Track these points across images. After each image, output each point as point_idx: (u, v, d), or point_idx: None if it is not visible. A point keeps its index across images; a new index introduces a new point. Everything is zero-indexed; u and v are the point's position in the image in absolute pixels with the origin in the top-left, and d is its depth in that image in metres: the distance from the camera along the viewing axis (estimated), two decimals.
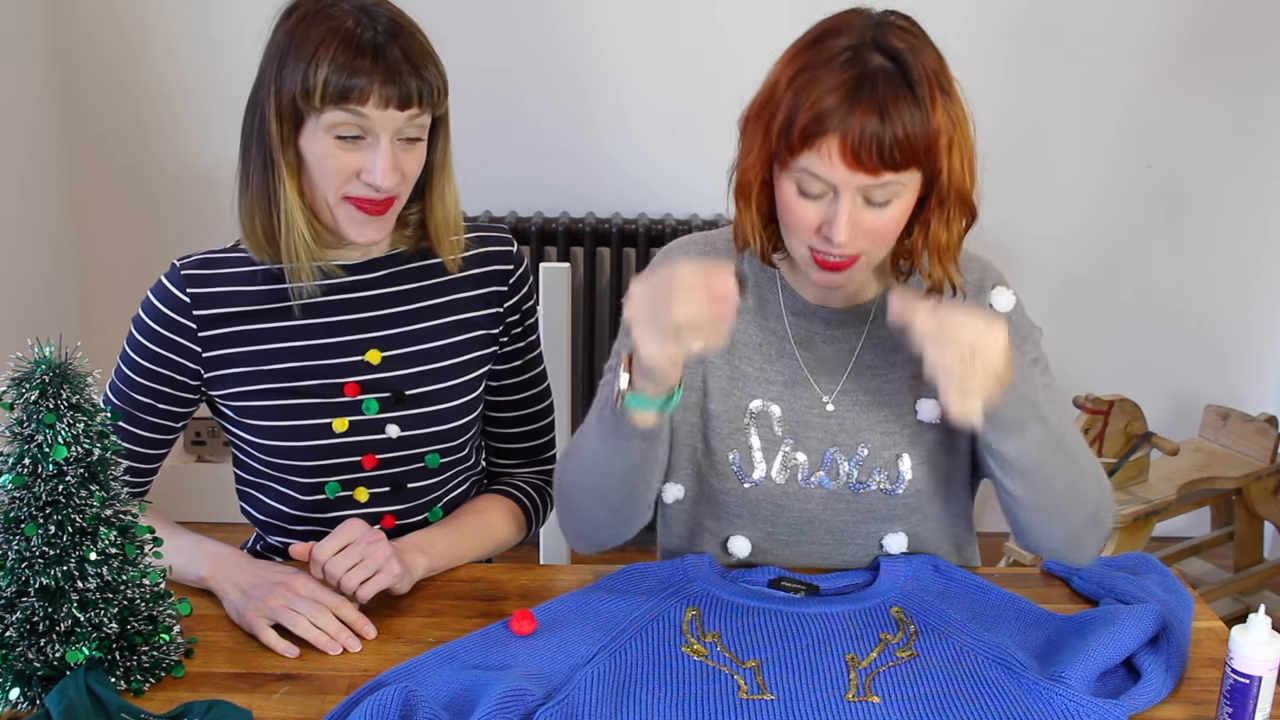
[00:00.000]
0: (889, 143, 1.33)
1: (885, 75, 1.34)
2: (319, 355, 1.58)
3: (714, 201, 3.07)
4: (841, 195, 1.37)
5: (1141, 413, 2.75)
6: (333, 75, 1.44)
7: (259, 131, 1.50)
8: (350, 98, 1.44)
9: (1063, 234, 3.14)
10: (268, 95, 1.48)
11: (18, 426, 1.24)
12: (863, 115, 1.33)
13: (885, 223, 1.40)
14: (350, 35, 1.44)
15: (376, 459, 1.61)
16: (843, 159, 1.34)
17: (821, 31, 1.40)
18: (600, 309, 3.09)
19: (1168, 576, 1.53)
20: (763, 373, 1.54)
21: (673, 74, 3.02)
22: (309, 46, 1.45)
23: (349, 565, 1.43)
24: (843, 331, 1.54)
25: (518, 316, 1.68)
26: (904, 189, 1.39)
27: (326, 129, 1.46)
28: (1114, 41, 3.03)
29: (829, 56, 1.36)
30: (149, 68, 3.00)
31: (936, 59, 1.39)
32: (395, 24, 1.47)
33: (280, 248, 1.53)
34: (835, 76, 1.34)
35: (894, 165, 1.35)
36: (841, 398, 1.54)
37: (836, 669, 1.36)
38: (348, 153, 1.47)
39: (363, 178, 1.48)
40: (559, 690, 1.30)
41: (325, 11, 1.47)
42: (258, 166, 1.51)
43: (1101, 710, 1.27)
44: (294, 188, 1.50)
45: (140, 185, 3.09)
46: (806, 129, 1.34)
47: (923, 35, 1.41)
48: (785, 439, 1.53)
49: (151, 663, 1.32)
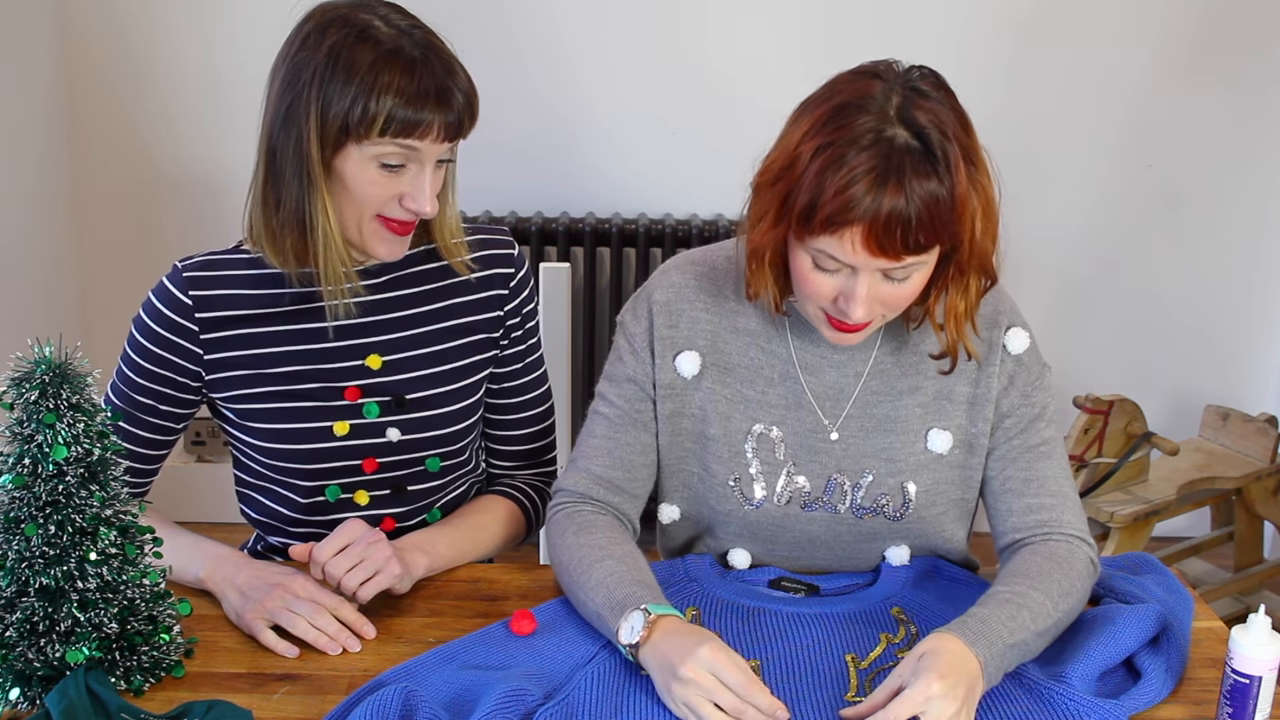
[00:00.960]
0: (914, 228, 1.30)
1: (911, 159, 1.29)
2: (320, 359, 1.58)
3: (714, 201, 3.07)
4: (860, 275, 1.34)
5: (1141, 413, 2.75)
6: (399, 110, 1.42)
7: (296, 151, 1.46)
8: (414, 134, 1.43)
9: (1063, 234, 3.14)
10: (306, 115, 1.44)
11: (18, 426, 1.24)
12: (888, 203, 1.28)
13: (902, 294, 1.38)
14: (410, 67, 1.43)
15: (377, 462, 1.61)
16: (865, 247, 1.31)
17: (843, 103, 1.33)
18: (600, 309, 3.09)
19: (1168, 576, 1.53)
20: (765, 396, 1.51)
21: (673, 74, 3.01)
22: (364, 73, 1.42)
23: (349, 566, 1.43)
24: (849, 357, 1.51)
25: (518, 320, 1.68)
26: (924, 264, 1.36)
27: (373, 156, 1.45)
28: (1114, 41, 3.03)
29: (853, 137, 1.30)
30: (149, 69, 3.00)
31: (962, 125, 1.35)
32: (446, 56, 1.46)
33: (318, 267, 1.51)
34: (860, 162, 1.29)
35: (917, 250, 1.32)
36: (847, 424, 1.51)
37: (837, 669, 1.36)
38: (391, 179, 1.46)
39: (405, 204, 1.48)
40: (559, 690, 1.30)
41: (367, 32, 1.44)
42: (293, 188, 1.47)
43: (1101, 710, 1.27)
44: (334, 210, 1.48)
45: (140, 186, 3.09)
46: (831, 218, 1.30)
47: (947, 99, 1.36)
48: (787, 463, 1.51)
49: (151, 663, 1.32)
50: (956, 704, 1.21)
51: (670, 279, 1.54)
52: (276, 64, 1.49)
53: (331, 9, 1.48)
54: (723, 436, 1.51)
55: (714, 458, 1.51)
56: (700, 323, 1.51)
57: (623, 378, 1.54)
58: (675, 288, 1.52)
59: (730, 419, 1.51)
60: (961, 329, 1.43)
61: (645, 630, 1.30)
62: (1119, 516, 2.64)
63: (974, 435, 1.51)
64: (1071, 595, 1.40)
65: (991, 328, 1.50)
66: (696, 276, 1.53)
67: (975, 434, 1.51)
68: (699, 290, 1.52)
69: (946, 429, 1.50)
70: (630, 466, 1.53)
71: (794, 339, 1.51)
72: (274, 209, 1.50)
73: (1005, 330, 1.51)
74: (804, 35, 2.95)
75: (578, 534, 1.47)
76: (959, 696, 1.22)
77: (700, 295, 1.52)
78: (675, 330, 1.51)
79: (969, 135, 1.35)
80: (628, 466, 1.53)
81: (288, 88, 1.46)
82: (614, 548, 1.44)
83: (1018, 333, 1.51)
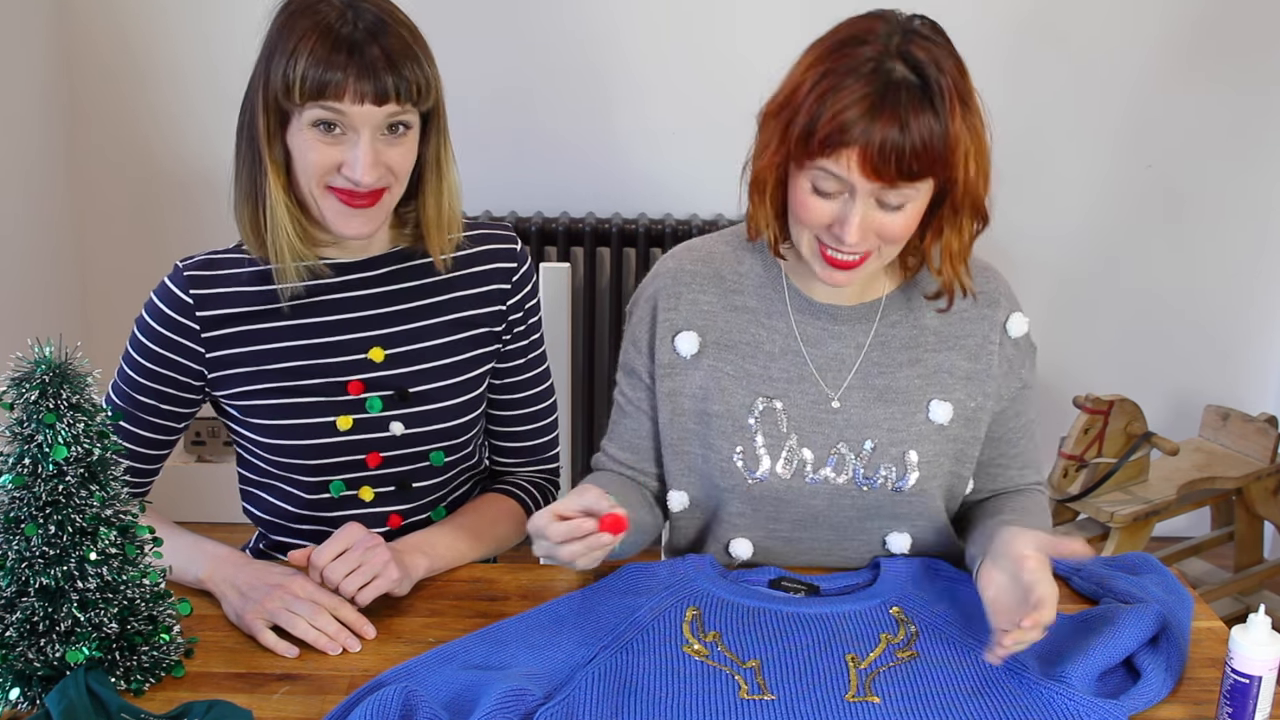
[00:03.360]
0: (907, 156, 1.35)
1: (907, 88, 1.36)
2: (321, 354, 1.58)
3: (714, 201, 3.07)
4: (856, 198, 1.39)
5: (1141, 413, 2.75)
6: (310, 70, 1.43)
7: (249, 127, 1.51)
8: (326, 93, 1.44)
9: (1063, 234, 3.14)
10: (256, 91, 1.49)
11: (18, 426, 1.24)
12: (883, 129, 1.34)
13: (897, 224, 1.42)
14: (329, 29, 1.44)
15: (381, 457, 1.61)
16: (861, 169, 1.36)
17: (847, 36, 1.41)
18: (600, 309, 3.09)
19: (1168, 576, 1.53)
20: (766, 370, 1.54)
21: (673, 74, 3.02)
22: (292, 42, 1.45)
23: (347, 571, 1.43)
24: (850, 329, 1.55)
25: (520, 315, 1.68)
26: (918, 194, 1.41)
27: (309, 124, 1.46)
28: (1115, 41, 3.03)
29: (853, 65, 1.37)
30: (149, 66, 3.00)
31: (958, 69, 1.40)
32: (380, 20, 1.46)
33: (266, 243, 1.53)
34: (858, 88, 1.35)
35: (910, 176, 1.37)
36: (849, 394, 1.54)
37: (837, 669, 1.36)
38: (330, 147, 1.47)
39: (343, 172, 1.48)
40: (559, 690, 1.30)
41: (313, 7, 1.46)
42: (246, 161, 1.52)
43: (1101, 710, 1.27)
44: (280, 183, 1.50)
45: (140, 184, 3.09)
46: (827, 138, 1.36)
47: (947, 44, 1.42)
48: (790, 435, 1.54)
49: (151, 663, 1.32)
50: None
51: (667, 265, 1.60)
52: None
53: None
54: (725, 412, 1.54)
55: (717, 434, 1.54)
56: (700, 304, 1.56)
57: (626, 368, 1.63)
58: (673, 273, 1.58)
59: (733, 395, 1.54)
60: (958, 267, 1.49)
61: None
62: (1119, 516, 2.64)
63: (973, 410, 1.55)
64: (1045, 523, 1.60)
65: (992, 306, 1.56)
66: (694, 261, 1.59)
67: (974, 409, 1.55)
68: (696, 274, 1.58)
69: (947, 400, 1.54)
70: (637, 450, 1.62)
71: (794, 313, 1.55)
72: (237, 187, 1.54)
73: (1007, 315, 1.57)
74: (804, 36, 2.94)
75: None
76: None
77: (697, 278, 1.57)
78: (675, 312, 1.56)
79: (964, 79, 1.41)
80: (635, 449, 1.62)
81: (252, 72, 1.50)
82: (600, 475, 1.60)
83: (1019, 318, 1.58)
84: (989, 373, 1.55)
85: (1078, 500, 2.70)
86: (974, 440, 1.56)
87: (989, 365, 1.55)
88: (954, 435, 1.55)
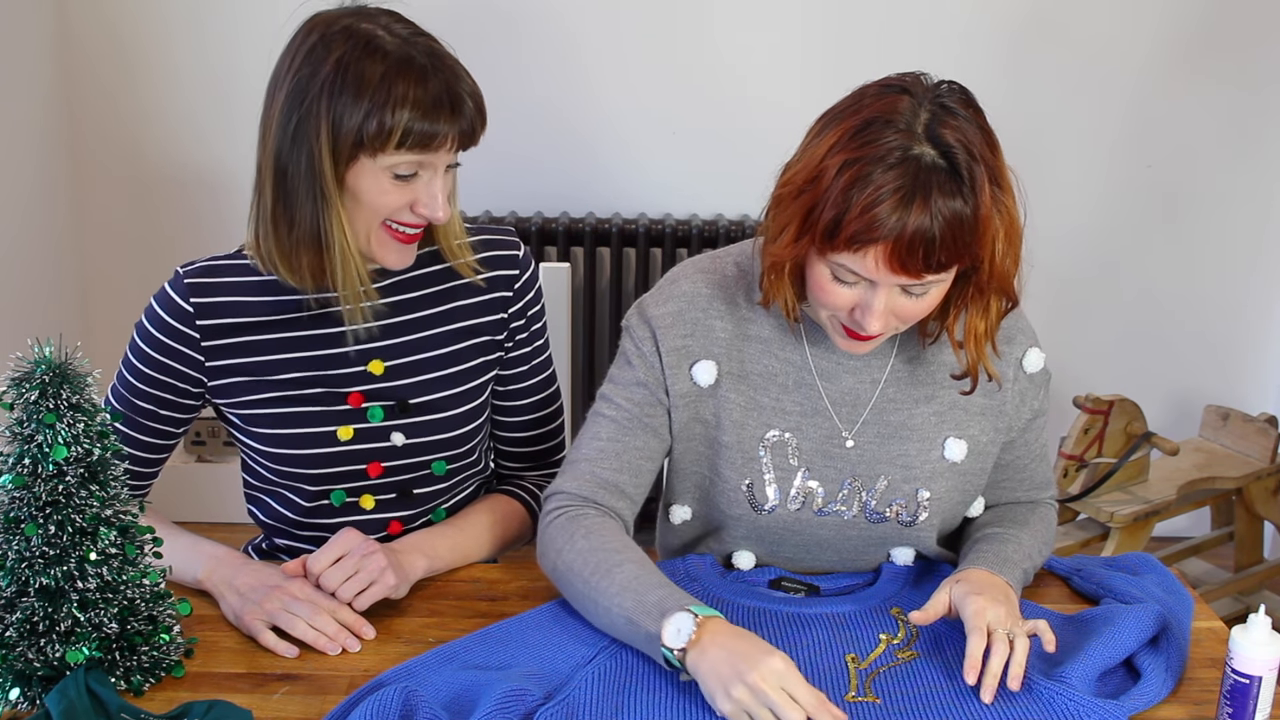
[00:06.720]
0: (937, 249, 1.29)
1: (937, 178, 1.29)
2: (322, 365, 1.57)
3: (714, 201, 3.07)
4: (878, 289, 1.34)
5: (1141, 413, 2.75)
6: (415, 123, 1.41)
7: (308, 169, 1.44)
8: (431, 145, 1.43)
9: (1063, 234, 3.14)
10: (317, 133, 1.42)
11: (18, 426, 1.24)
12: (913, 222, 1.28)
13: (918, 308, 1.38)
14: (422, 77, 1.41)
15: (382, 467, 1.60)
16: (887, 265, 1.30)
17: (871, 117, 1.32)
18: (600, 309, 3.08)
19: (1168, 576, 1.53)
20: (779, 403, 1.50)
21: (673, 75, 3.01)
22: (375, 86, 1.40)
23: (344, 577, 1.43)
24: (865, 363, 1.50)
25: (523, 321, 1.67)
26: (943, 281, 1.37)
27: (387, 167, 1.44)
28: (1114, 42, 3.02)
29: (879, 154, 1.29)
30: (148, 69, 3.00)
31: (989, 146, 1.34)
32: (451, 63, 1.46)
33: (335, 284, 1.50)
34: (887, 181, 1.28)
35: (937, 269, 1.32)
36: (863, 430, 1.51)
37: (837, 669, 1.36)
38: (406, 186, 1.46)
39: (417, 210, 1.47)
40: (559, 690, 1.30)
41: (374, 43, 1.42)
42: (306, 207, 1.46)
43: (1101, 710, 1.27)
44: (349, 224, 1.48)
45: (140, 186, 3.09)
46: (855, 235, 1.29)
47: (975, 118, 1.35)
48: (800, 468, 1.50)
49: (151, 663, 1.32)
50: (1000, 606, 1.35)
51: (681, 288, 1.51)
52: (278, 76, 1.47)
53: (333, 20, 1.45)
54: (736, 443, 1.49)
55: (726, 463, 1.50)
56: (716, 331, 1.49)
57: (631, 381, 1.51)
58: (688, 297, 1.50)
59: (744, 426, 1.49)
60: (982, 349, 1.43)
61: (694, 633, 1.28)
62: (1119, 516, 2.64)
63: (985, 445, 1.53)
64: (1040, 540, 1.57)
65: (1009, 343, 1.52)
66: (709, 285, 1.51)
67: (986, 443, 1.53)
68: (712, 299, 1.50)
69: (962, 438, 1.51)
70: (637, 471, 1.51)
71: (810, 346, 1.50)
72: (287, 229, 1.48)
73: (1024, 351, 1.53)
74: (805, 36, 2.95)
75: (588, 537, 1.43)
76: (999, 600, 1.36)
77: (714, 304, 1.50)
78: (691, 339, 1.49)
79: (995, 155, 1.34)
80: (635, 471, 1.51)
81: (294, 104, 1.44)
82: (630, 552, 1.41)
83: (1035, 353, 1.53)
84: (1002, 409, 1.52)
85: (1078, 500, 2.70)
86: (983, 472, 1.55)
87: (1003, 401, 1.52)
88: (965, 470, 1.52)
